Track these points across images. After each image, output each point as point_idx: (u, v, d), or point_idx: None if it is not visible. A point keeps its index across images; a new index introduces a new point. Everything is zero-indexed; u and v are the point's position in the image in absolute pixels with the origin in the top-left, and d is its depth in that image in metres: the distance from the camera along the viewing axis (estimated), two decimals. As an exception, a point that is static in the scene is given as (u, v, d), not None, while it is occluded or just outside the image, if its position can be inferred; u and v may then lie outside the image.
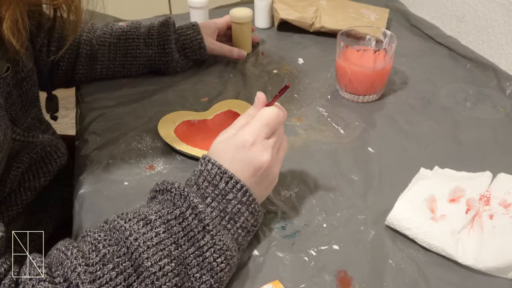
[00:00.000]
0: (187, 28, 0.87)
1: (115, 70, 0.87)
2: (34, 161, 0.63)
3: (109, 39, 0.84)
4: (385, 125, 0.77)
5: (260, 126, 0.53)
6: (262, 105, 0.56)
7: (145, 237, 0.45)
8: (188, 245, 0.47)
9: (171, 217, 0.48)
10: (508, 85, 0.84)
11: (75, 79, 0.86)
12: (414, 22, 1.08)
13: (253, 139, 0.53)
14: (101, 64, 0.85)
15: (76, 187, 0.65)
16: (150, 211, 0.48)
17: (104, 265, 0.43)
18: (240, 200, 0.51)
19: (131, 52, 0.86)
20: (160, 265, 0.44)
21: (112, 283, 0.42)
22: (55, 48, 0.79)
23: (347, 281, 0.51)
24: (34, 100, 0.66)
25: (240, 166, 0.52)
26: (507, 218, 0.55)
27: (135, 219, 0.47)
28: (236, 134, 0.54)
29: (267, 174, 0.54)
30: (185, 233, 0.48)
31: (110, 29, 0.85)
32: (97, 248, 0.44)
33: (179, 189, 0.50)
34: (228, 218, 0.51)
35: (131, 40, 0.85)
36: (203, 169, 0.52)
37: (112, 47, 0.84)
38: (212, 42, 0.90)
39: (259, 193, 0.55)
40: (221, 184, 0.51)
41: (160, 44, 0.86)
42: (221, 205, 0.51)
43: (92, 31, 0.84)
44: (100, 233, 0.46)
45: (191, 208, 0.49)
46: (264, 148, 0.53)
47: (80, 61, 0.84)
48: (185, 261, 0.47)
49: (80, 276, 0.42)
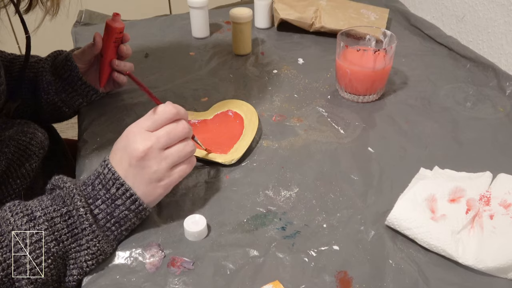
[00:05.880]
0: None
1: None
2: (12, 154, 0.65)
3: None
4: (385, 125, 0.77)
5: (144, 118, 0.56)
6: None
7: (25, 234, 0.49)
8: (71, 241, 0.51)
9: (56, 215, 0.51)
10: (508, 85, 0.84)
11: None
12: (414, 22, 1.08)
13: (135, 129, 0.55)
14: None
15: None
16: (39, 206, 0.51)
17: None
18: (128, 207, 0.54)
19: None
20: (36, 262, 0.48)
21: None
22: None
23: (347, 282, 0.51)
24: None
25: (120, 155, 0.55)
26: (508, 219, 0.55)
27: (21, 214, 0.50)
28: (128, 127, 0.57)
29: (143, 166, 0.54)
30: (69, 229, 0.51)
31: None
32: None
33: (68, 189, 0.53)
34: (113, 221, 0.54)
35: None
36: (101, 172, 0.55)
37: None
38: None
39: (145, 191, 0.55)
40: (112, 189, 0.53)
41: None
42: (109, 208, 0.53)
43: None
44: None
45: (75, 209, 0.52)
46: (142, 138, 0.54)
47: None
48: (65, 254, 0.51)
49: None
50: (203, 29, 1.05)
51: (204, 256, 0.55)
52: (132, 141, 0.54)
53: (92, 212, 0.53)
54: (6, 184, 0.64)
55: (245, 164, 0.69)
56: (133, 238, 0.57)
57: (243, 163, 0.69)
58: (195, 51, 1.00)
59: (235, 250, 0.55)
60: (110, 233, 0.54)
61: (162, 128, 0.55)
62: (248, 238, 0.57)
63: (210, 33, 1.07)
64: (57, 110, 0.78)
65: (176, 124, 0.56)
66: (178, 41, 1.04)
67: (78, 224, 0.51)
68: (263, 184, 0.65)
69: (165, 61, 0.96)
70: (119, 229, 0.54)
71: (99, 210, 0.53)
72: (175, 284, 0.52)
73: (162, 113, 0.55)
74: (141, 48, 1.01)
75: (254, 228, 0.58)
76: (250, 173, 0.67)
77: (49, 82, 0.76)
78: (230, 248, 0.56)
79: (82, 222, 0.51)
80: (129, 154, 0.54)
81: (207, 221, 0.58)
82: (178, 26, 1.11)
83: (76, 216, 0.51)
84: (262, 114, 0.79)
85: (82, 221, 0.51)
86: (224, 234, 0.58)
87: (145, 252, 0.55)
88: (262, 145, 0.72)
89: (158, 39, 1.05)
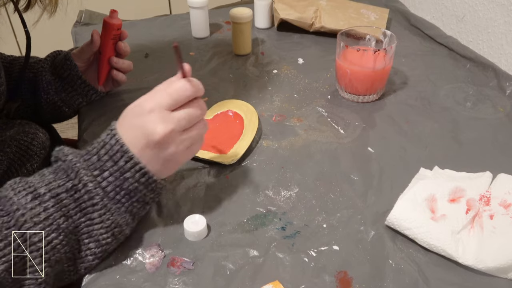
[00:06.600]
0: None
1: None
2: (13, 154, 0.65)
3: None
4: (385, 125, 0.77)
5: (162, 95, 0.52)
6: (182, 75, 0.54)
7: (32, 212, 0.46)
8: (80, 215, 0.49)
9: (61, 190, 0.49)
10: (508, 85, 0.84)
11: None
12: (414, 22, 1.08)
13: (151, 107, 0.51)
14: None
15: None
16: (41, 182, 0.49)
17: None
18: (137, 180, 0.51)
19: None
20: (48, 240, 0.46)
21: (1, 253, 0.45)
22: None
23: (347, 282, 0.51)
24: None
25: (134, 133, 0.51)
26: (508, 219, 0.55)
27: (25, 191, 0.47)
28: (140, 99, 0.53)
29: (161, 149, 0.51)
30: (77, 204, 0.49)
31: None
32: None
33: (71, 163, 0.50)
34: (123, 194, 0.51)
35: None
36: (107, 141, 0.51)
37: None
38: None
39: (159, 169, 0.53)
40: (121, 162, 0.51)
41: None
42: (118, 181, 0.51)
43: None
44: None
45: (82, 184, 0.50)
46: (162, 119, 0.51)
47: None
48: (75, 230, 0.49)
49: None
50: (203, 29, 1.05)
51: (204, 256, 0.55)
52: (150, 121, 0.51)
53: (100, 184, 0.50)
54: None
55: (245, 164, 0.69)
56: (133, 238, 0.57)
57: (243, 163, 0.69)
58: (195, 51, 1.00)
59: (235, 250, 0.55)
60: (121, 205, 0.52)
61: (183, 110, 0.52)
62: (248, 238, 0.57)
63: (210, 33, 1.07)
64: (57, 110, 0.78)
65: (195, 106, 0.53)
66: (178, 41, 1.04)
67: (87, 198, 0.50)
68: (263, 184, 0.65)
69: (165, 61, 0.96)
70: (130, 200, 0.52)
71: (107, 182, 0.50)
72: (175, 284, 0.52)
73: (183, 91, 0.52)
74: (141, 48, 1.01)
75: (254, 228, 0.58)
76: (250, 173, 0.67)
77: (49, 81, 0.76)
78: (230, 248, 0.56)
79: (92, 197, 0.50)
80: (147, 136, 0.50)
81: (207, 221, 0.58)
82: (178, 26, 1.11)
83: (84, 190, 0.49)
84: (262, 114, 0.79)
85: (91, 196, 0.50)
86: (224, 234, 0.58)
87: (145, 252, 0.55)
88: (262, 145, 0.72)
89: (158, 39, 1.05)
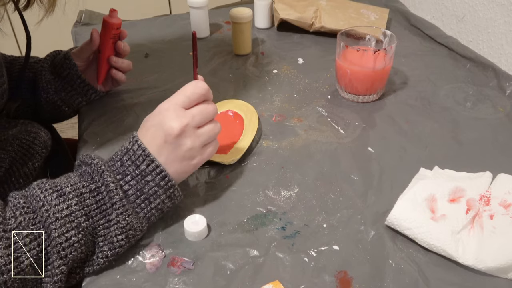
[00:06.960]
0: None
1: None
2: (15, 153, 0.66)
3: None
4: (385, 125, 0.77)
5: (176, 95, 0.56)
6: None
7: (56, 208, 0.49)
8: (100, 217, 0.51)
9: (85, 191, 0.51)
10: (508, 85, 0.84)
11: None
12: (414, 22, 1.08)
13: (167, 106, 0.55)
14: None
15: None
16: (67, 183, 0.51)
17: (20, 232, 0.47)
18: (157, 183, 0.54)
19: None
20: (66, 236, 0.48)
21: (26, 248, 0.47)
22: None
23: (347, 282, 0.51)
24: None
25: (153, 132, 0.55)
26: (508, 219, 0.55)
27: (51, 190, 0.50)
28: (157, 107, 0.57)
29: (178, 144, 0.55)
30: (98, 205, 0.51)
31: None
32: (15, 215, 0.48)
33: (97, 165, 0.53)
34: (143, 198, 0.54)
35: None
36: (130, 148, 0.55)
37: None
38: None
39: (177, 169, 0.56)
40: (143, 166, 0.54)
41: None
42: (139, 184, 0.53)
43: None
44: (21, 199, 0.49)
45: (104, 185, 0.52)
46: (177, 115, 0.54)
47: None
48: (94, 231, 0.51)
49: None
50: (203, 29, 1.05)
51: (204, 256, 0.55)
52: (168, 118, 0.54)
53: (122, 187, 0.53)
54: (8, 182, 0.64)
55: (245, 164, 0.69)
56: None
57: (243, 163, 0.69)
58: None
59: (235, 250, 0.55)
60: (140, 210, 0.54)
61: (196, 107, 0.56)
62: (248, 238, 0.57)
63: (210, 33, 1.07)
64: (57, 110, 0.78)
65: (207, 104, 0.57)
66: (178, 41, 1.04)
67: (107, 199, 0.51)
68: (263, 184, 0.65)
69: (165, 61, 0.96)
70: (149, 206, 0.54)
71: (129, 186, 0.53)
72: (175, 284, 0.52)
73: (196, 89, 0.56)
74: (141, 48, 1.01)
75: (254, 228, 0.58)
76: (250, 173, 0.67)
77: (49, 81, 0.76)
78: (230, 248, 0.56)
79: (112, 197, 0.51)
80: (165, 131, 0.54)
81: (207, 221, 0.58)
82: (178, 26, 1.11)
83: (105, 192, 0.51)
84: (262, 114, 0.79)
85: (112, 196, 0.51)
86: (224, 234, 0.58)
87: (145, 252, 0.55)
88: (262, 145, 0.72)
89: (158, 39, 1.05)
